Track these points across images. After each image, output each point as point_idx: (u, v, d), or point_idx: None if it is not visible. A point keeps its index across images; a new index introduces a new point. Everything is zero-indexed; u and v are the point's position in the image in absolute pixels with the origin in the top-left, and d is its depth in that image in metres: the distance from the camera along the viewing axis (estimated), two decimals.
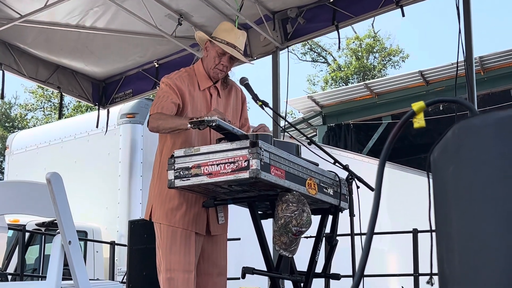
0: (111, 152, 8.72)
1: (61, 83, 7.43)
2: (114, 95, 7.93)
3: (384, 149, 1.40)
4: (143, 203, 8.42)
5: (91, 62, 7.48)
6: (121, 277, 8.12)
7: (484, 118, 1.14)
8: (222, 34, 4.03)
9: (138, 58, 7.53)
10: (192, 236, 3.81)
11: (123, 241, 8.01)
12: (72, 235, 2.61)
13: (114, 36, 7.02)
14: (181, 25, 6.84)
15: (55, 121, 10.14)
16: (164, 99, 3.88)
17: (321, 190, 3.91)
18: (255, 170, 3.34)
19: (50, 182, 2.56)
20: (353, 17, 6.86)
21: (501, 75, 14.31)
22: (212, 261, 3.95)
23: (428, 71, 14.43)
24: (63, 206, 2.57)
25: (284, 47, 7.18)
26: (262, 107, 4.05)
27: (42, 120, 29.90)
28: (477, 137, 1.14)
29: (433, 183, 1.35)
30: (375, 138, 15.60)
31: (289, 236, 3.57)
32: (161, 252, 3.81)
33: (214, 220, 3.93)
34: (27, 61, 7.11)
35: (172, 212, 3.82)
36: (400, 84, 14.87)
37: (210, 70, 4.02)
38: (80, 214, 8.73)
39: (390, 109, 15.33)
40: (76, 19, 6.67)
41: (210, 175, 3.44)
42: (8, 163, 10.04)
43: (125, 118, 8.72)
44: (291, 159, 3.67)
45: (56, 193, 2.56)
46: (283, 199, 3.59)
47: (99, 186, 8.86)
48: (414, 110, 1.40)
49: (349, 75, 32.10)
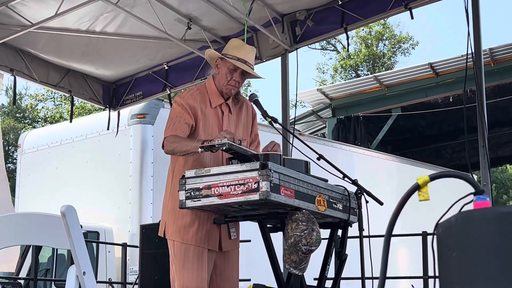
0: (122, 153, 8.80)
1: (72, 87, 7.49)
2: (124, 97, 7.99)
3: (390, 222, 1.45)
4: (154, 203, 8.52)
5: (102, 66, 7.54)
6: (133, 276, 8.22)
7: (486, 212, 1.18)
8: (232, 50, 4.08)
9: (148, 61, 7.58)
10: (205, 253, 3.87)
11: (135, 240, 8.09)
12: (87, 266, 2.66)
13: (124, 40, 7.06)
14: (190, 29, 6.87)
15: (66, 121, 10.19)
16: (177, 120, 3.93)
17: (330, 206, 3.96)
18: (265, 192, 3.39)
19: (64, 216, 2.60)
20: (361, 20, 6.87)
21: (511, 67, 14.26)
22: (225, 277, 4.02)
23: (437, 63, 14.39)
24: (77, 238, 2.62)
25: (293, 50, 7.21)
26: (271, 123, 4.09)
27: (52, 110, 30.04)
28: (479, 229, 1.19)
29: (438, 259, 1.39)
30: (385, 130, 15.61)
31: (299, 255, 3.62)
32: (174, 268, 3.88)
33: (226, 236, 3.99)
34: (38, 65, 7.18)
35: (185, 229, 3.88)
36: (410, 76, 14.84)
37: (223, 87, 4.06)
38: (92, 214, 8.83)
39: (400, 101, 15.31)
40: (86, 24, 6.72)
41: (221, 196, 3.50)
42: (20, 162, 10.13)
43: (135, 118, 8.79)
44: (300, 178, 3.72)
45: (70, 226, 2.60)
46: (293, 218, 3.64)
47: (110, 186, 8.94)
48: (418, 184, 1.44)
49: (358, 63, 32.07)
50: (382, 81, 15.04)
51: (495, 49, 13.94)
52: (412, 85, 14.93)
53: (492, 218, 1.17)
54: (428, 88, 14.96)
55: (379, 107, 15.45)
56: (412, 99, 15.18)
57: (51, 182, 9.53)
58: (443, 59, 14.33)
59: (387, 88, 15.16)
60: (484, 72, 6.21)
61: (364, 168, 11.51)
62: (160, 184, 4.87)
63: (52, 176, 9.54)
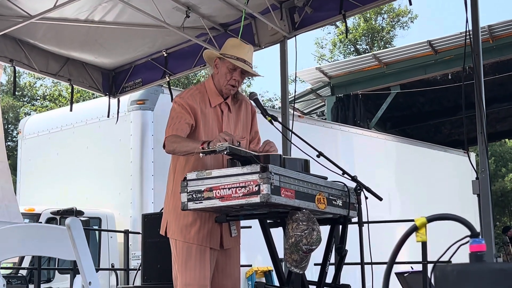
0: (122, 138, 8.84)
1: (71, 75, 7.50)
2: (124, 84, 8.00)
3: (389, 262, 1.49)
4: (155, 189, 8.58)
5: (101, 54, 7.54)
6: (135, 261, 8.30)
7: (480, 268, 1.23)
8: (231, 50, 4.10)
9: (147, 48, 7.58)
10: (207, 251, 3.94)
11: (137, 225, 8.16)
12: (92, 276, 2.72)
13: (123, 29, 7.06)
14: (189, 17, 6.86)
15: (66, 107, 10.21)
16: (177, 120, 3.96)
17: (330, 203, 4.01)
18: (265, 195, 3.44)
19: (69, 228, 2.66)
20: (360, 6, 6.84)
21: (510, 43, 14.25)
22: (227, 274, 4.09)
23: (436, 41, 14.38)
24: (82, 249, 2.68)
25: (292, 36, 7.20)
26: (271, 122, 4.12)
27: (51, 88, 29.98)
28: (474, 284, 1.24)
29: None
30: (384, 108, 15.64)
31: (299, 254, 3.68)
32: (177, 267, 3.95)
33: (227, 234, 4.05)
34: (38, 55, 7.18)
35: (187, 228, 3.94)
36: (409, 53, 14.83)
37: (223, 87, 4.09)
38: (94, 200, 8.90)
39: (399, 78, 15.32)
40: (85, 14, 6.72)
41: (222, 199, 3.55)
42: (21, 148, 10.17)
43: (135, 104, 8.81)
44: (300, 178, 3.76)
45: (76, 238, 2.66)
46: (293, 218, 3.69)
47: (112, 172, 8.99)
48: (416, 225, 1.49)
49: (357, 37, 31.97)
50: (381, 59, 15.03)
51: (493, 26, 13.92)
52: (411, 62, 14.93)
53: (486, 275, 1.22)
54: (427, 65, 14.96)
55: (378, 85, 15.46)
56: (411, 76, 15.18)
57: (52, 168, 9.58)
58: (442, 37, 14.32)
59: (386, 66, 15.16)
60: (483, 49, 6.20)
61: (364, 148, 11.57)
62: (161, 170, 4.88)
63: (53, 162, 9.59)
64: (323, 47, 33.07)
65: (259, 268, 9.16)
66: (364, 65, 15.29)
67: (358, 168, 11.30)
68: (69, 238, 2.73)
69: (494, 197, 30.35)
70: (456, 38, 13.68)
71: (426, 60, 14.84)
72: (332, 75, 15.57)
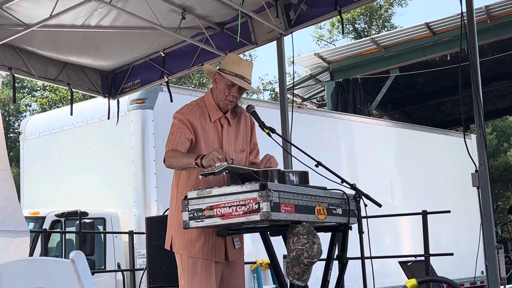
0: (123, 138, 8.89)
1: (70, 79, 7.52)
2: (123, 85, 8.01)
3: None
4: (158, 187, 8.64)
5: (99, 58, 7.55)
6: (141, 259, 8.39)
7: None
8: (230, 66, 4.15)
9: (144, 50, 7.59)
10: (212, 265, 4.02)
11: (141, 224, 8.24)
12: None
13: (120, 32, 7.07)
14: (184, 19, 6.87)
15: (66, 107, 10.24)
16: (178, 135, 4.04)
17: (330, 213, 4.06)
18: (265, 213, 3.50)
19: (74, 262, 2.72)
20: (355, 2, 6.86)
21: (508, 23, 14.25)
22: (232, 285, 4.17)
23: (434, 22, 14.38)
24: (87, 282, 2.75)
25: (288, 33, 7.21)
26: (269, 134, 4.17)
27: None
28: None
29: None
30: (384, 92, 15.67)
31: (301, 267, 3.75)
32: (183, 282, 4.03)
33: (231, 247, 4.12)
34: (36, 61, 7.19)
35: (192, 243, 4.00)
36: (407, 36, 14.84)
37: (221, 102, 4.16)
38: (97, 200, 8.97)
39: (398, 61, 15.35)
40: (81, 20, 6.71)
41: (223, 217, 3.61)
42: (23, 149, 10.22)
43: (135, 104, 8.85)
44: (299, 191, 3.81)
45: (80, 271, 2.73)
46: (294, 231, 3.75)
47: (114, 171, 9.05)
48: (407, 287, 1.54)
49: (355, 17, 31.86)
50: (379, 43, 15.04)
51: (491, 6, 13.92)
52: (410, 45, 14.95)
53: None
54: (426, 47, 14.99)
55: (377, 69, 15.49)
56: (409, 59, 15.22)
57: (55, 168, 9.64)
58: (439, 18, 14.32)
59: (384, 49, 15.17)
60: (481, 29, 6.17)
61: (364, 136, 11.61)
62: (163, 168, 4.89)
63: (56, 162, 9.64)
64: (321, 27, 32.98)
65: (264, 260, 9.24)
66: (362, 49, 15.31)
67: (359, 156, 11.37)
68: (73, 271, 2.80)
69: (497, 172, 30.40)
70: (453, 19, 13.68)
71: (424, 42, 14.87)
72: (331, 60, 15.58)
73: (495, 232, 6.10)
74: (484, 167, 6.06)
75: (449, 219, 10.17)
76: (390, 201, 11.33)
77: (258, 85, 35.50)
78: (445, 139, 13.46)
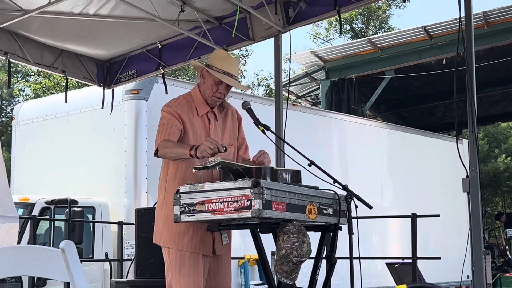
0: (116, 128, 8.85)
1: (65, 67, 7.50)
2: (118, 75, 8.00)
3: None
4: (149, 179, 8.62)
5: (96, 46, 7.54)
6: (129, 250, 8.38)
7: None
8: (218, 63, 4.16)
9: (141, 41, 7.58)
10: (200, 258, 4.03)
11: (131, 215, 8.22)
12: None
13: (117, 22, 7.06)
14: (183, 11, 6.87)
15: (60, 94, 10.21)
16: (168, 126, 4.05)
17: (321, 213, 4.06)
18: (257, 210, 3.51)
19: (64, 251, 2.71)
20: (355, 2, 6.87)
21: (505, 29, 14.29)
22: (218, 279, 4.18)
23: (431, 26, 14.40)
24: (76, 272, 2.74)
25: (286, 31, 7.21)
26: (264, 131, 4.18)
27: None
28: None
29: None
30: (378, 93, 15.68)
31: (290, 266, 3.75)
32: (171, 275, 4.03)
33: (219, 241, 4.14)
34: (32, 47, 7.17)
35: (180, 236, 4.01)
36: (404, 38, 14.85)
37: (208, 98, 4.19)
38: (87, 189, 8.95)
39: (394, 63, 15.36)
40: (79, 8, 6.71)
41: (214, 212, 3.62)
42: (16, 134, 10.18)
43: (129, 94, 8.82)
44: (291, 190, 3.82)
45: (70, 260, 2.72)
46: (284, 230, 3.76)
47: (106, 161, 9.02)
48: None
49: (353, 16, 31.87)
50: (376, 44, 15.04)
51: (488, 12, 13.95)
52: (406, 47, 14.96)
53: None
54: (422, 50, 15.00)
55: (373, 69, 15.49)
56: (405, 61, 15.22)
57: (46, 155, 9.60)
58: (437, 22, 14.34)
59: (380, 50, 15.18)
60: (478, 34, 6.19)
61: (357, 136, 11.63)
62: (154, 160, 4.87)
63: (47, 149, 9.61)
64: (319, 26, 32.98)
65: (251, 256, 9.24)
66: (359, 49, 15.31)
67: (351, 156, 11.38)
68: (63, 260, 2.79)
69: (487, 178, 30.50)
70: (450, 23, 13.70)
71: (421, 45, 14.87)
72: (327, 59, 15.58)
73: (483, 238, 6.13)
74: (475, 173, 6.08)
75: (438, 223, 10.22)
76: (379, 202, 11.36)
77: (253, 80, 35.51)
78: (437, 143, 13.50)
